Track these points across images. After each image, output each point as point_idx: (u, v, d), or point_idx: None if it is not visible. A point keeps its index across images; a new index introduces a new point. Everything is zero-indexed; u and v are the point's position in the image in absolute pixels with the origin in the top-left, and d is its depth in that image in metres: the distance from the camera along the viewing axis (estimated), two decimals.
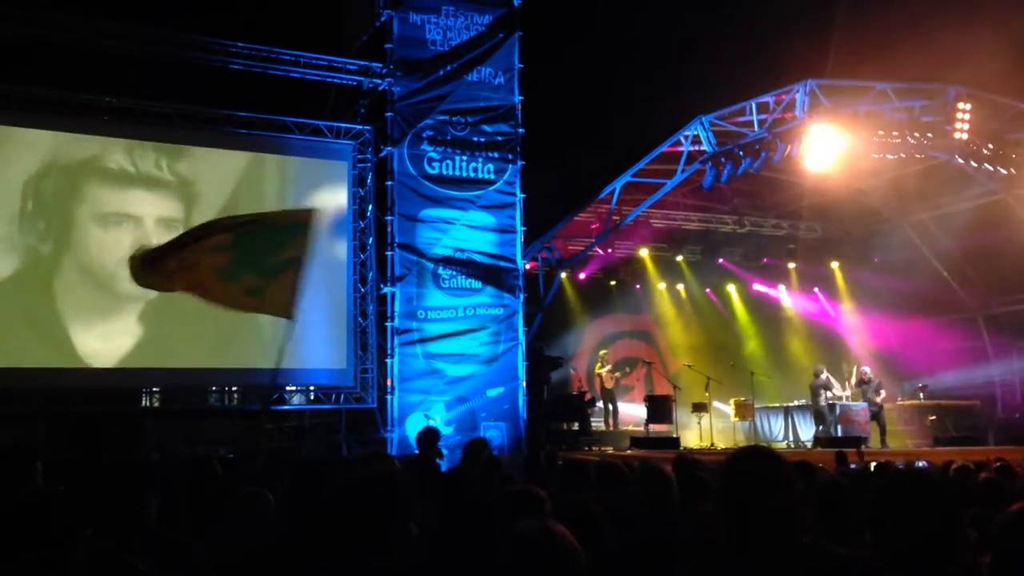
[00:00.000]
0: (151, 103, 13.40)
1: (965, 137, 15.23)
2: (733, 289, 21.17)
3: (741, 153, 15.17)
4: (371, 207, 14.54)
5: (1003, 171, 15.88)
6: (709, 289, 21.01)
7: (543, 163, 15.26)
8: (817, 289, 21.42)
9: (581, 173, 16.73)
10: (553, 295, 15.83)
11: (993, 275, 18.44)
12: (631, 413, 18.50)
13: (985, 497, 4.99)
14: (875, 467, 9.11)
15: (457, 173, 14.03)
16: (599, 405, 16.92)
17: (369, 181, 14.64)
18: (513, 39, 14.60)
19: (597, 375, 17.11)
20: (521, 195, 14.43)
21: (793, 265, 20.93)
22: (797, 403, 17.64)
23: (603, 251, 18.71)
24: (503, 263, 14.19)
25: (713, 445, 15.58)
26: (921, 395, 17.69)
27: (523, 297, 14.38)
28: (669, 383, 17.08)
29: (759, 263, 20.50)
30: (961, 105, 15.12)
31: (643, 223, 18.38)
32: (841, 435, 15.21)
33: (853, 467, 9.40)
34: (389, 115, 13.85)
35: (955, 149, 15.74)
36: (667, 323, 20.76)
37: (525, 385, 14.15)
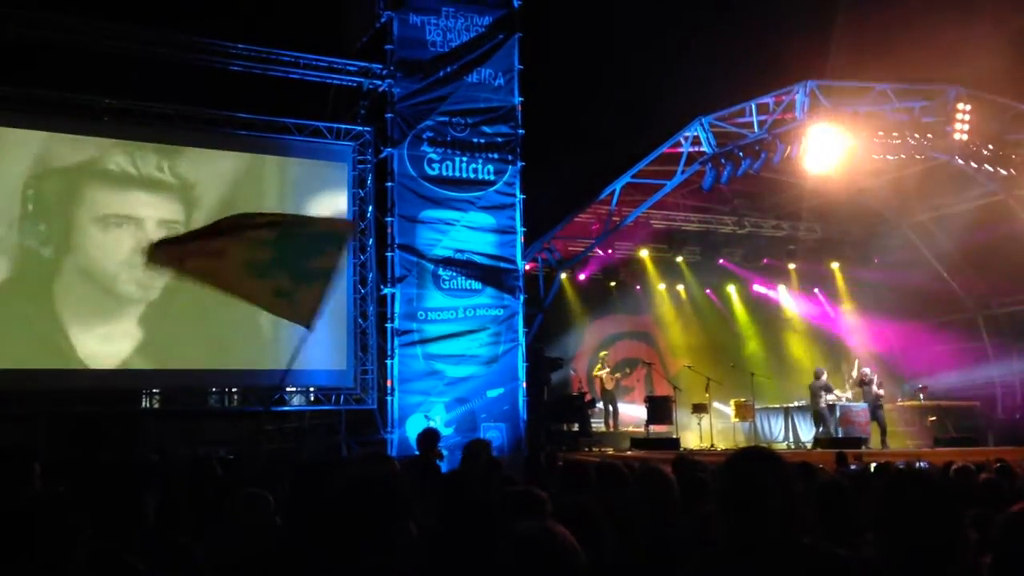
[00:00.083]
0: (151, 104, 13.40)
1: (965, 138, 15.24)
2: (733, 290, 21.18)
3: (741, 154, 15.17)
4: (371, 208, 14.54)
5: (1003, 172, 15.88)
6: (709, 290, 21.02)
7: (543, 164, 15.26)
8: (817, 290, 21.43)
9: (581, 174, 16.72)
10: (553, 296, 15.82)
11: (993, 276, 18.44)
12: (631, 414, 18.51)
13: (985, 498, 5.00)
14: (875, 468, 9.11)
15: (457, 174, 14.03)
16: (599, 406, 16.93)
17: (369, 182, 14.63)
18: (513, 40, 14.60)
19: (596, 376, 17.12)
20: (521, 196, 14.43)
21: (793, 266, 20.93)
22: (797, 404, 17.66)
23: (603, 252, 18.70)
24: (503, 264, 14.19)
25: (713, 446, 15.58)
26: (921, 396, 17.71)
27: (523, 298, 14.37)
28: (669, 384, 17.09)
29: (759, 264, 20.49)
30: (961, 106, 15.12)
31: (643, 224, 18.39)
32: (841, 436, 15.23)
33: (853, 468, 9.40)
34: (389, 116, 13.85)
35: (955, 150, 15.74)
36: (667, 324, 20.77)
37: (525, 386, 14.14)
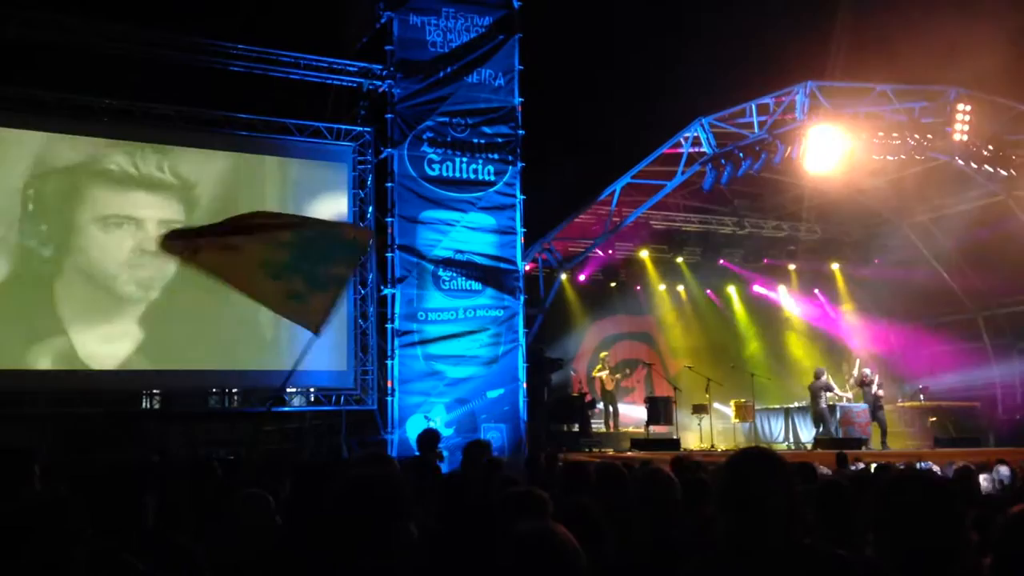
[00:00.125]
0: (151, 105, 13.40)
1: (965, 138, 15.24)
2: (733, 290, 21.18)
3: (741, 155, 15.18)
4: (371, 209, 14.54)
5: (1003, 172, 15.89)
6: (709, 291, 21.01)
7: (543, 165, 15.26)
8: (817, 290, 21.43)
9: (581, 175, 16.71)
10: (553, 297, 15.80)
11: (993, 276, 18.43)
12: (631, 415, 18.51)
13: (985, 498, 4.99)
14: (876, 468, 9.10)
15: (457, 175, 14.03)
16: (599, 407, 16.92)
17: (369, 183, 14.64)
18: (513, 41, 14.60)
19: (596, 377, 17.11)
20: (521, 196, 14.43)
21: (793, 266, 20.93)
22: (797, 404, 17.65)
23: (603, 252, 18.69)
24: (503, 265, 14.19)
25: (713, 447, 15.57)
26: (922, 396, 17.71)
27: (523, 299, 14.37)
28: (669, 385, 17.08)
29: (759, 264, 20.48)
30: (961, 106, 15.13)
31: (643, 224, 18.39)
32: (842, 436, 15.23)
33: (854, 469, 9.40)
34: (389, 117, 13.85)
35: (955, 150, 15.75)
36: (667, 325, 20.77)
37: (525, 387, 14.14)
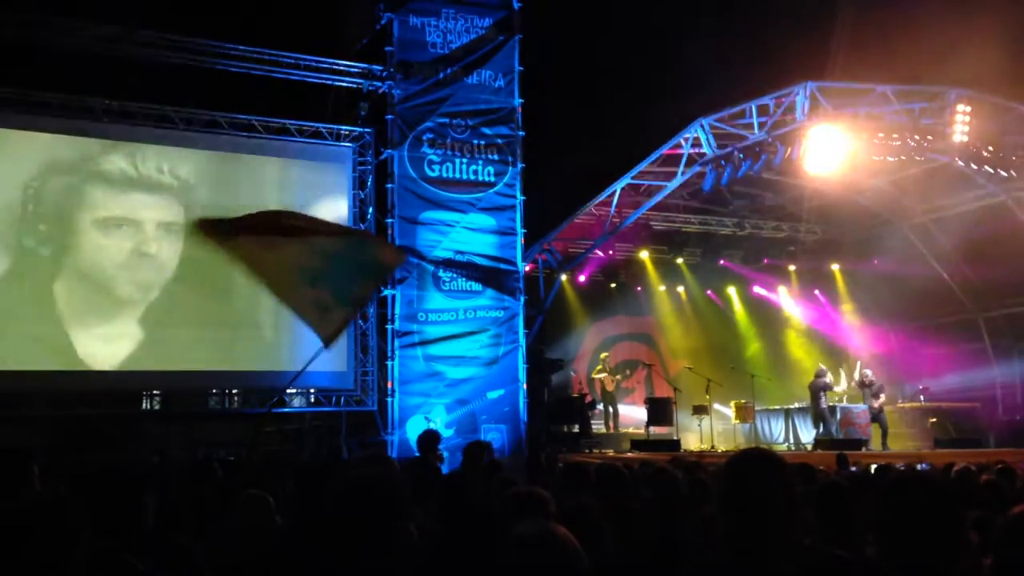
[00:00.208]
0: (152, 106, 13.41)
1: (965, 139, 15.23)
2: (733, 291, 21.18)
3: (741, 155, 15.17)
4: (371, 210, 14.55)
5: (1003, 173, 15.88)
6: (710, 291, 21.01)
7: (543, 165, 15.26)
8: (817, 291, 21.43)
9: (581, 175, 16.72)
10: (553, 298, 15.80)
11: (993, 277, 18.42)
12: (631, 415, 18.50)
13: (986, 499, 4.99)
14: (876, 469, 9.10)
15: (457, 175, 14.03)
16: (599, 408, 16.92)
17: (369, 184, 14.64)
18: (513, 42, 14.60)
19: (596, 378, 17.11)
20: (521, 197, 14.43)
21: (793, 267, 20.93)
22: (797, 405, 17.64)
23: (603, 253, 18.69)
24: (503, 265, 14.19)
25: (714, 447, 15.57)
26: (922, 397, 17.71)
27: (523, 299, 14.37)
28: (669, 385, 17.06)
29: (759, 265, 20.48)
30: (961, 107, 15.12)
31: (643, 225, 18.39)
32: (842, 437, 15.22)
33: (854, 470, 9.39)
34: (389, 118, 13.85)
35: (955, 151, 15.73)
36: (667, 325, 20.76)
37: (526, 387, 14.14)
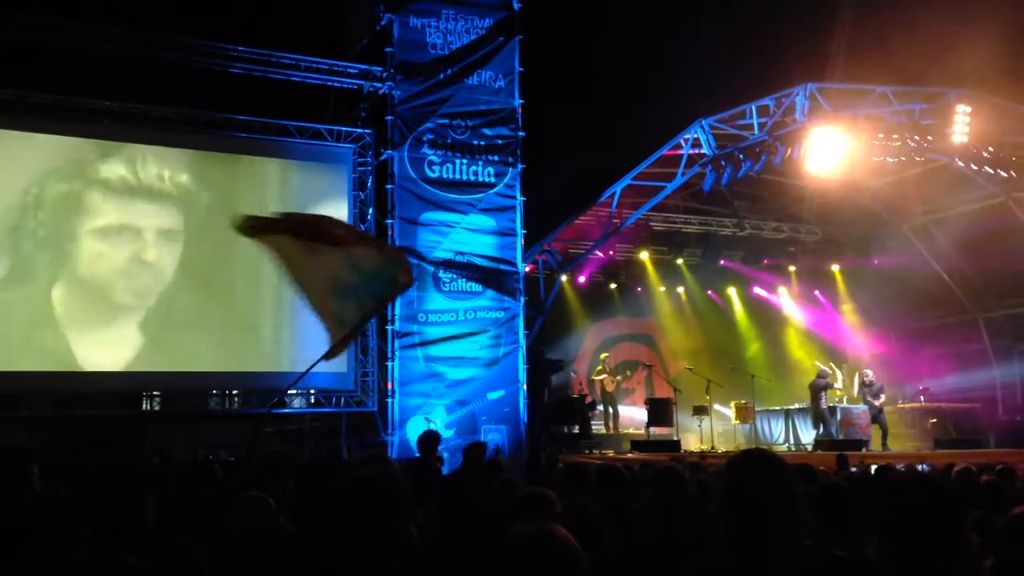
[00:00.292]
0: (152, 107, 13.40)
1: (965, 140, 15.22)
2: (733, 292, 21.17)
3: (741, 156, 15.16)
4: (371, 211, 14.55)
5: (1003, 174, 15.88)
6: (710, 291, 21.01)
7: (543, 166, 15.27)
8: (817, 292, 21.42)
9: (581, 176, 16.72)
10: (553, 298, 15.80)
11: (994, 277, 18.42)
12: (632, 416, 18.50)
13: (987, 500, 4.99)
14: (876, 470, 9.09)
15: (457, 176, 14.04)
16: (599, 408, 16.91)
17: (370, 185, 14.64)
18: (513, 43, 14.61)
19: (596, 380, 17.11)
20: (521, 198, 14.44)
21: (793, 268, 20.92)
22: (798, 406, 17.63)
23: (603, 254, 18.69)
24: (503, 266, 14.19)
25: (714, 448, 15.56)
26: (922, 398, 17.70)
27: (523, 300, 14.37)
28: (669, 386, 17.04)
29: (759, 266, 20.48)
30: (961, 108, 15.11)
31: (643, 226, 18.39)
32: (842, 438, 15.22)
33: (854, 470, 9.39)
34: (389, 119, 13.86)
35: (955, 152, 15.73)
36: (667, 326, 20.75)
37: (526, 388, 14.14)
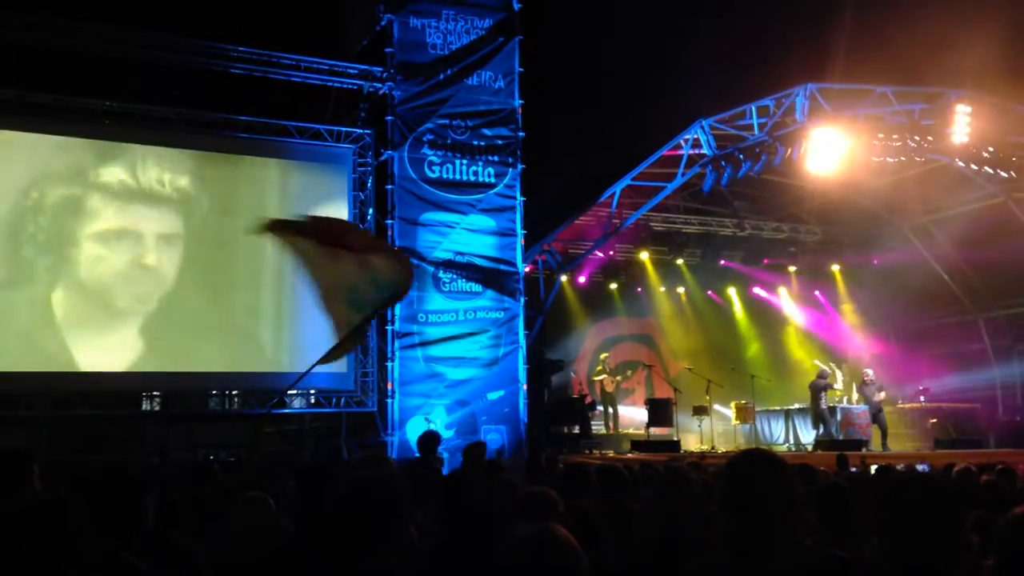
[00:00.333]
0: (152, 107, 13.40)
1: (966, 140, 15.21)
2: (733, 292, 21.18)
3: (741, 156, 15.16)
4: (371, 211, 14.55)
5: (1004, 174, 15.88)
6: (711, 291, 21.01)
7: (543, 167, 15.26)
8: (818, 292, 21.42)
9: (581, 176, 16.72)
10: (553, 298, 15.80)
11: (994, 278, 18.42)
12: (632, 416, 18.50)
13: (987, 500, 4.99)
14: (876, 470, 9.10)
15: (457, 177, 14.04)
16: (599, 409, 16.91)
17: (370, 185, 14.64)
18: (513, 43, 14.61)
19: (597, 381, 17.11)
20: (521, 198, 14.44)
21: (793, 268, 20.93)
22: (798, 406, 17.63)
23: (603, 254, 18.70)
24: (503, 266, 14.19)
25: (714, 448, 15.56)
26: (922, 398, 17.69)
27: (523, 300, 14.37)
28: (670, 386, 17.03)
29: (759, 266, 20.48)
30: (961, 108, 15.09)
31: (643, 226, 18.39)
32: (842, 438, 15.21)
33: (854, 471, 9.39)
34: (389, 119, 13.86)
35: (955, 152, 15.73)
36: (667, 326, 20.75)
37: (526, 388, 14.13)
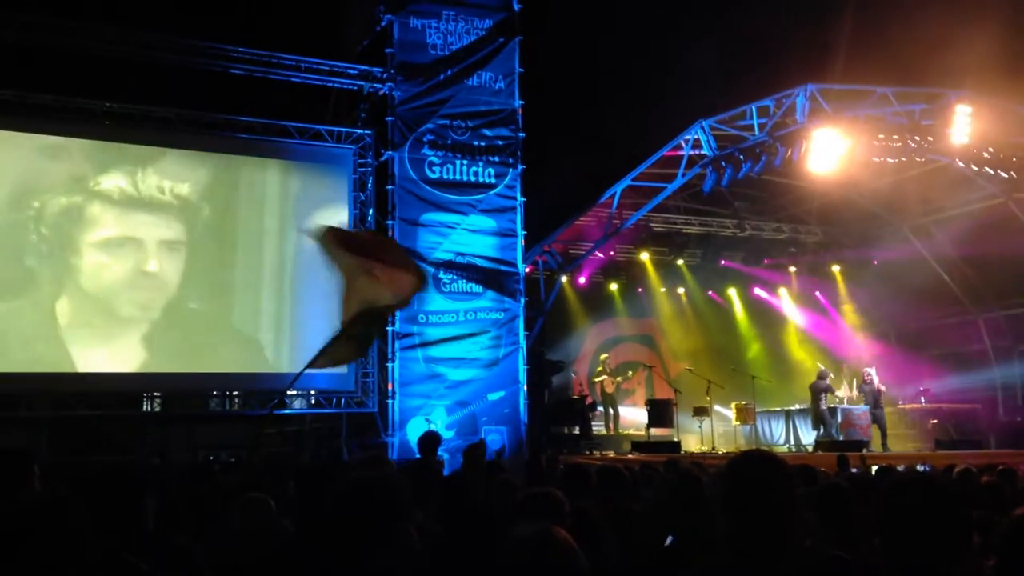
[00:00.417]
0: (152, 108, 13.40)
1: (966, 141, 15.20)
2: (734, 293, 21.18)
3: (741, 157, 15.15)
4: (372, 212, 14.54)
5: (1004, 174, 15.87)
6: (711, 292, 21.01)
7: (544, 167, 15.26)
8: (818, 292, 21.42)
9: (581, 177, 16.71)
10: (554, 299, 15.80)
11: (994, 278, 18.43)
12: (632, 417, 18.51)
13: (987, 501, 4.99)
14: (877, 471, 9.09)
15: (458, 177, 14.03)
16: (600, 409, 16.91)
17: (370, 186, 14.64)
18: (513, 43, 14.60)
19: (597, 382, 17.11)
20: (522, 199, 14.43)
21: (794, 268, 20.93)
22: (798, 407, 17.63)
23: (603, 255, 18.70)
24: (504, 267, 14.19)
25: (714, 449, 15.57)
26: (922, 399, 17.69)
27: (524, 301, 14.37)
28: (670, 387, 17.03)
29: (760, 267, 20.49)
30: (962, 108, 15.09)
31: (644, 227, 18.39)
32: (843, 439, 15.21)
33: (855, 471, 9.39)
34: (390, 119, 13.85)
35: (956, 153, 15.72)
36: (668, 327, 20.76)
37: (526, 389, 14.13)
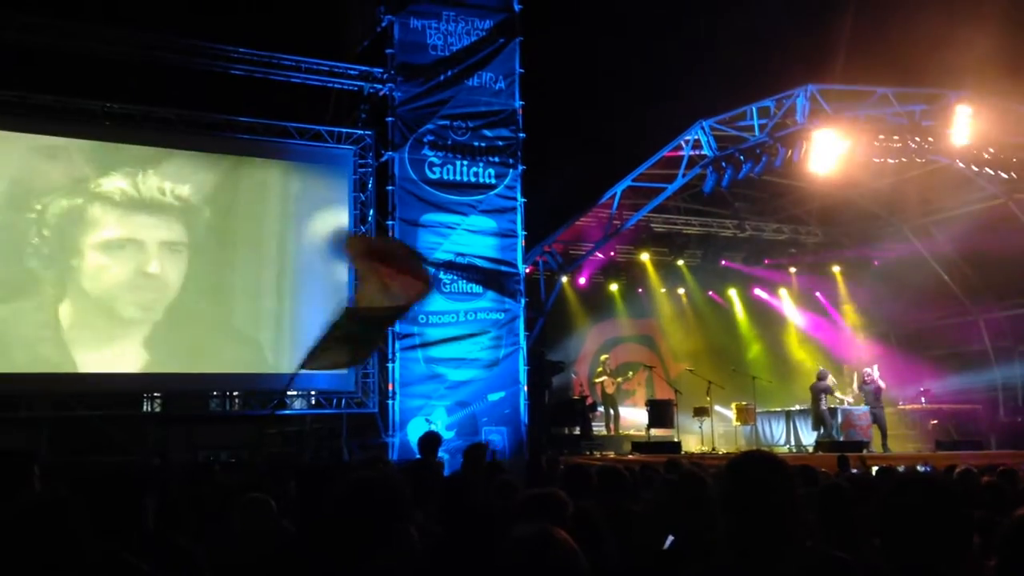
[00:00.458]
0: (152, 108, 13.40)
1: (966, 141, 15.20)
2: (734, 293, 21.18)
3: (742, 157, 15.15)
4: (372, 212, 14.54)
5: (1004, 175, 15.86)
6: (712, 292, 21.02)
7: (544, 168, 15.26)
8: (818, 293, 21.42)
9: (582, 178, 16.71)
10: (554, 299, 15.80)
11: (995, 279, 18.42)
12: (632, 418, 18.50)
13: (988, 501, 4.99)
14: (877, 472, 9.09)
15: (458, 178, 14.04)
16: (600, 410, 16.91)
17: (370, 186, 14.64)
18: (514, 44, 14.61)
19: (597, 383, 17.10)
20: (522, 200, 14.44)
21: (794, 269, 20.93)
22: (799, 407, 17.62)
23: (603, 255, 18.70)
24: (504, 268, 14.19)
25: (715, 449, 15.57)
26: (923, 399, 17.69)
27: (524, 301, 14.37)
28: (670, 387, 17.02)
29: (760, 267, 20.49)
30: (962, 109, 15.08)
31: (644, 227, 18.39)
32: (843, 439, 15.21)
33: (855, 472, 9.39)
34: (390, 120, 13.86)
35: (956, 153, 15.72)
36: (668, 328, 20.76)
37: (526, 390, 14.13)
